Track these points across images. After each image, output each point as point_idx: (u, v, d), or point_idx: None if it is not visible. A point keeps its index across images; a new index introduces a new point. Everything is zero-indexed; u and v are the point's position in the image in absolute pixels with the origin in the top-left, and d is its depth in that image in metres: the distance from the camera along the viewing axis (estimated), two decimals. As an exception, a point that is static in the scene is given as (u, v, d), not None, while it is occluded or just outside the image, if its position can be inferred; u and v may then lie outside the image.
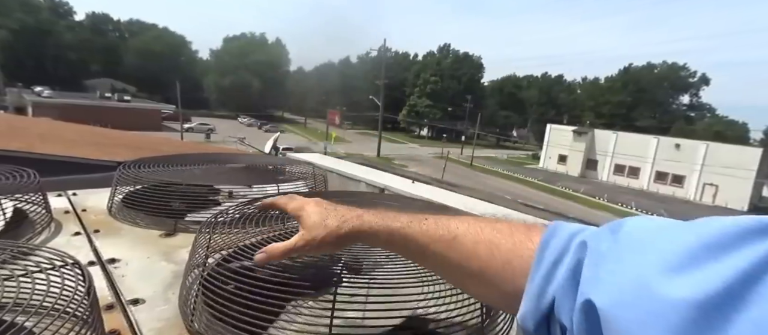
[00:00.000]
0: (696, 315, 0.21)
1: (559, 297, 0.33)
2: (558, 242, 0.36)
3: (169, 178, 1.15)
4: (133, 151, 3.51)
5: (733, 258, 0.22)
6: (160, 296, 0.77)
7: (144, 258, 0.91)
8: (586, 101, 56.75)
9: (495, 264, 0.41)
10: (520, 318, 0.37)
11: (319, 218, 0.55)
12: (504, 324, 0.80)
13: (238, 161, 1.50)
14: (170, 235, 1.04)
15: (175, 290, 0.77)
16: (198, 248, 0.77)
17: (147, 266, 0.88)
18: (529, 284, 0.36)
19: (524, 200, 11.10)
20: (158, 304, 0.74)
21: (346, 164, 2.15)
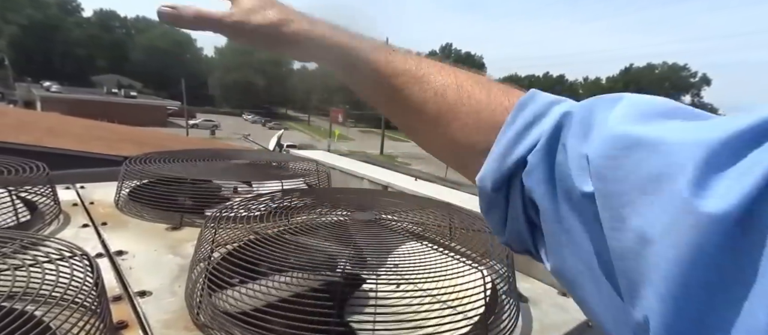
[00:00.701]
0: None
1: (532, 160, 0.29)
2: (536, 106, 0.33)
3: (174, 173, 1.16)
4: (139, 146, 3.54)
5: None
6: (167, 288, 0.78)
7: (151, 250, 0.93)
8: (588, 101, 56.71)
9: (461, 112, 0.36)
10: (478, 178, 0.34)
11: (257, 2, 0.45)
12: (509, 321, 0.80)
13: (241, 158, 1.51)
14: (176, 229, 1.05)
15: (182, 283, 0.79)
16: (203, 242, 0.78)
17: (154, 258, 0.89)
18: (497, 143, 0.32)
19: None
20: (165, 296, 0.75)
21: (348, 161, 2.16)
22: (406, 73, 0.40)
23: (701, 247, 0.17)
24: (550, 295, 1.14)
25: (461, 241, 1.03)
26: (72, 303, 0.53)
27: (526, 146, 0.30)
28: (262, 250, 0.72)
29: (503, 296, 0.91)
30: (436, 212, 1.24)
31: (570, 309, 1.07)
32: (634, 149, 0.22)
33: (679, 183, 0.19)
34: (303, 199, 1.10)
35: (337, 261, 0.76)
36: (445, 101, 0.37)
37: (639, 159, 0.21)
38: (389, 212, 1.16)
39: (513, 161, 0.31)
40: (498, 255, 0.93)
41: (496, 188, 0.32)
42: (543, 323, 0.96)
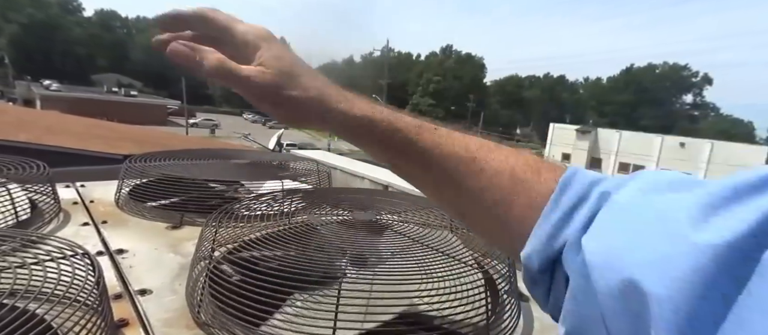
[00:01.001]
0: (728, 256, 0.18)
1: (569, 245, 0.30)
2: (578, 186, 0.33)
3: (175, 172, 1.16)
4: (139, 145, 3.54)
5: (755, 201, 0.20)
6: (168, 287, 0.78)
7: (151, 249, 0.93)
8: (588, 101, 56.66)
9: (516, 199, 0.36)
10: (524, 255, 0.34)
11: (290, 66, 0.40)
12: (510, 321, 0.80)
13: (242, 157, 1.51)
14: (176, 228, 1.05)
15: (182, 281, 0.79)
16: (204, 241, 0.78)
17: (154, 257, 0.89)
18: (543, 222, 0.33)
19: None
20: (166, 295, 0.75)
21: (349, 161, 2.16)
22: (456, 156, 0.38)
23: (704, 276, 0.18)
24: (551, 295, 1.14)
25: (462, 240, 1.03)
26: (74, 301, 0.53)
27: (572, 230, 0.31)
28: (262, 250, 0.72)
29: (504, 295, 0.91)
30: (437, 211, 1.25)
31: (570, 308, 1.07)
32: None
33: (681, 221, 0.21)
34: (304, 199, 1.11)
35: (338, 262, 0.76)
36: (500, 188, 0.36)
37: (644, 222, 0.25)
38: (390, 212, 1.16)
39: (560, 245, 0.31)
40: (499, 254, 0.93)
41: (542, 270, 0.33)
42: (544, 322, 0.96)
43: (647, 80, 50.53)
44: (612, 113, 50.44)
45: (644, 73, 51.52)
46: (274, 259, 0.69)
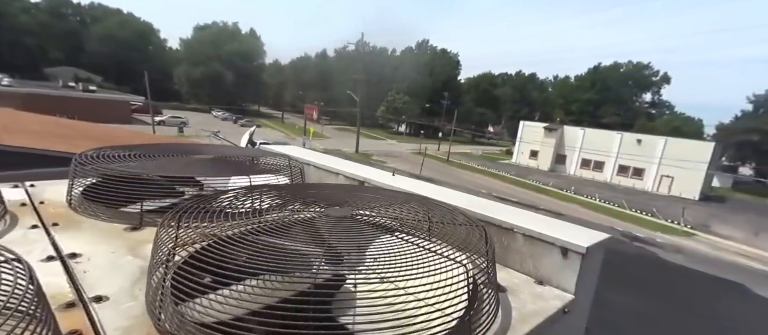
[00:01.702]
0: None
1: None
2: None
3: (133, 170, 1.08)
4: (103, 144, 3.32)
5: None
6: (127, 292, 0.71)
7: (108, 252, 0.85)
8: (556, 99, 58.81)
9: None
10: None
11: None
12: (486, 320, 0.79)
13: (206, 153, 1.43)
14: (136, 229, 0.98)
15: (143, 286, 0.73)
16: (162, 242, 0.72)
17: (111, 261, 0.82)
18: None
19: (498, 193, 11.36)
20: (124, 301, 0.68)
21: (323, 156, 2.11)
22: None
23: None
24: (528, 284, 1.15)
25: (440, 235, 1.02)
26: (3, 309, 0.47)
27: None
28: (229, 251, 0.67)
29: (483, 288, 0.90)
30: (414, 206, 1.23)
31: (547, 297, 1.08)
32: None
33: None
34: (275, 195, 1.05)
35: (312, 262, 0.73)
36: None
37: None
38: (366, 208, 1.13)
39: None
40: (477, 248, 0.93)
41: None
42: (522, 312, 0.96)
43: (612, 79, 52.95)
44: (578, 110, 52.60)
45: (609, 71, 53.92)
46: (243, 262, 0.65)
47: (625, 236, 4.98)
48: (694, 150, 29.02)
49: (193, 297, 0.60)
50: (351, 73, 42.56)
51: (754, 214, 25.51)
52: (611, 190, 29.42)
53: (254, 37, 59.66)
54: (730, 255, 15.60)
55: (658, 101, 56.08)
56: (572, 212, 17.21)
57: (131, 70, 48.00)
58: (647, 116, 53.40)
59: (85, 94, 32.86)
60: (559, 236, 1.12)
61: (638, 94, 55.56)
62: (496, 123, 63.59)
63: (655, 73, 53.77)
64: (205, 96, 52.15)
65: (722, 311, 2.83)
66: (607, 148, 33.39)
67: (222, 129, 29.07)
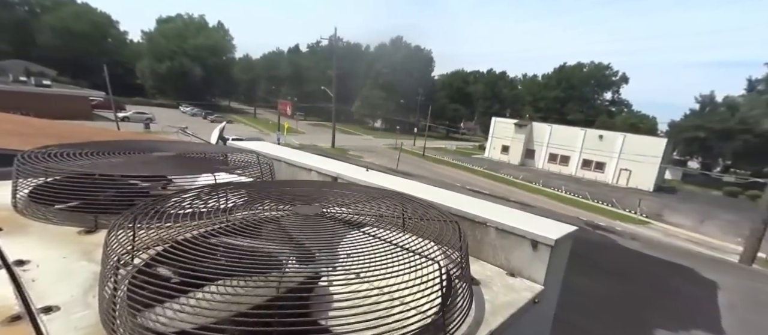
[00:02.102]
0: None
1: None
2: None
3: (87, 168, 1.01)
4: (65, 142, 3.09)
5: None
6: (79, 301, 0.66)
7: (59, 258, 0.79)
8: (525, 96, 60.94)
9: None
10: None
11: None
12: (460, 313, 0.80)
13: (168, 149, 1.35)
14: (91, 232, 0.91)
15: (97, 293, 0.67)
16: (114, 248, 0.67)
17: (63, 267, 0.76)
18: None
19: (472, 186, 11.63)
20: (76, 311, 0.63)
21: (294, 152, 2.06)
22: None
23: None
24: (501, 276, 1.17)
25: (414, 230, 1.01)
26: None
27: None
28: (191, 254, 0.63)
29: (457, 282, 0.91)
30: (389, 202, 1.22)
31: (519, 288, 1.10)
32: None
33: None
34: (242, 193, 1.01)
35: (280, 262, 0.70)
36: None
37: None
38: (339, 205, 1.11)
39: None
40: (451, 242, 0.93)
41: None
42: (494, 304, 0.98)
43: (576, 78, 55.59)
44: (545, 107, 54.71)
45: (574, 71, 56.49)
46: (205, 266, 0.61)
47: (589, 225, 5.23)
48: (649, 145, 31.16)
49: (149, 306, 0.56)
50: (325, 69, 42.03)
51: (700, 204, 27.62)
52: (576, 183, 30.88)
53: (222, 30, 57.65)
54: (680, 241, 16.75)
55: (618, 99, 59.52)
56: (541, 204, 17.88)
57: (89, 64, 45.21)
58: (608, 113, 56.51)
59: (40, 89, 30.69)
60: (530, 229, 1.14)
61: (600, 92, 58.81)
62: (469, 119, 64.83)
63: (614, 73, 57.09)
64: (171, 91, 49.97)
65: (675, 292, 3.04)
66: (572, 143, 35.14)
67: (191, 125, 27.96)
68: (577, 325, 2.27)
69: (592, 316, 2.48)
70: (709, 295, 2.93)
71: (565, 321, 1.78)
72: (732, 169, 38.93)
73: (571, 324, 2.18)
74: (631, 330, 2.40)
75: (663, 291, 3.02)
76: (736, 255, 11.78)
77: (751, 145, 34.46)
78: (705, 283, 3.17)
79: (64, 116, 17.89)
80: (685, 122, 42.89)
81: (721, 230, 20.25)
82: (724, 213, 23.87)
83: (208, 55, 50.76)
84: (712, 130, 37.50)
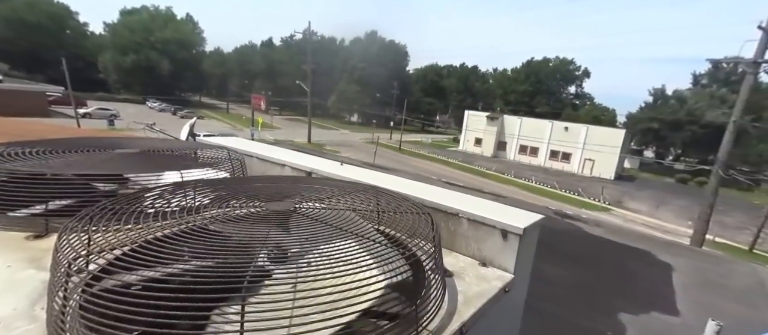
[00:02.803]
0: None
1: None
2: None
3: (39, 168, 0.93)
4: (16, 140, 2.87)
5: None
6: (24, 313, 0.61)
7: (2, 267, 0.73)
8: (496, 90, 62.62)
9: None
10: None
11: None
12: (434, 306, 0.80)
13: (130, 147, 1.28)
14: (41, 237, 0.85)
15: (46, 304, 0.63)
16: (69, 250, 0.63)
17: (7, 277, 0.70)
18: None
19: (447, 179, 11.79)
20: (19, 324, 0.58)
21: (266, 147, 2.01)
22: None
23: None
24: (473, 267, 1.19)
25: (389, 223, 1.00)
26: None
27: None
28: (152, 257, 0.59)
29: (430, 274, 0.91)
30: (363, 196, 1.20)
31: (490, 278, 1.12)
32: None
33: None
34: (210, 191, 0.97)
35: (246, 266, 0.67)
36: None
37: None
38: (312, 200, 1.08)
39: None
40: (424, 234, 0.93)
41: None
42: (467, 295, 0.99)
43: (542, 73, 57.66)
44: (515, 101, 56.32)
45: (540, 66, 58.49)
46: (169, 272, 0.58)
47: (558, 215, 5.44)
48: (610, 136, 33.05)
49: (108, 314, 0.52)
50: (300, 63, 41.28)
51: (655, 190, 29.45)
52: (545, 173, 32.07)
53: (191, 23, 55.44)
54: (638, 226, 17.74)
55: (581, 93, 62.44)
56: (513, 195, 18.40)
57: (46, 57, 42.45)
58: (572, 106, 59.16)
59: (-12, 84, 28.55)
60: (499, 219, 1.16)
61: (565, 86, 61.46)
62: (444, 112, 65.64)
63: (577, 68, 59.88)
64: (138, 86, 47.66)
65: (634, 276, 3.23)
66: (541, 135, 36.62)
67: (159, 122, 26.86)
68: (547, 313, 2.36)
69: (560, 303, 2.59)
70: (665, 277, 3.13)
71: (535, 308, 1.84)
72: (682, 157, 41.53)
73: (541, 311, 2.26)
74: (597, 315, 2.52)
75: (624, 275, 3.21)
76: (687, 237, 12.58)
77: (698, 135, 36.96)
78: (661, 265, 3.38)
79: (18, 112, 16.69)
80: (641, 113, 45.29)
81: (674, 214, 21.59)
82: (676, 199, 25.48)
83: (176, 48, 48.69)
84: (664, 121, 39.88)
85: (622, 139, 32.13)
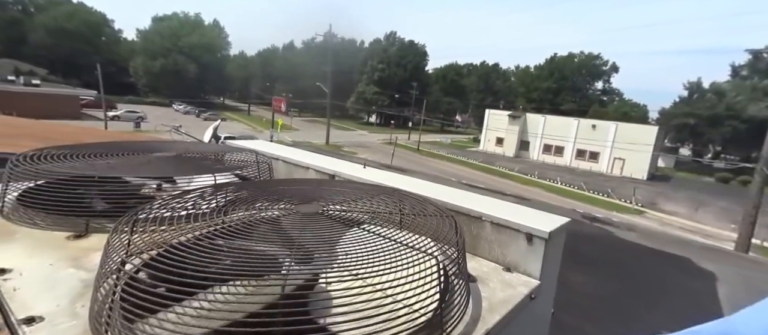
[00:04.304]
0: None
1: None
2: None
3: (81, 171, 0.98)
4: (45, 142, 3.04)
5: None
6: (66, 311, 0.64)
7: (45, 265, 0.77)
8: (518, 88, 61.12)
9: None
10: None
11: None
12: (458, 311, 0.79)
13: (166, 150, 1.33)
14: (81, 237, 0.89)
15: (86, 302, 0.66)
16: (113, 250, 0.66)
17: (49, 275, 0.74)
18: None
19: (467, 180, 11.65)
20: (62, 321, 0.61)
21: (292, 150, 2.04)
22: None
23: None
24: (497, 272, 1.16)
25: (411, 227, 1.00)
26: None
27: None
28: (189, 257, 0.62)
29: (454, 279, 0.90)
30: (386, 199, 1.20)
31: (515, 284, 1.10)
32: None
33: None
34: (240, 194, 1.00)
35: (280, 265, 0.68)
36: None
37: None
38: (337, 203, 1.09)
39: None
40: (448, 238, 0.92)
41: None
42: (491, 301, 0.97)
43: (567, 68, 55.83)
44: (538, 98, 54.86)
45: (565, 61, 56.67)
46: (205, 267, 0.60)
47: (586, 218, 5.23)
48: (641, 133, 31.35)
49: (145, 314, 0.54)
50: (320, 65, 41.82)
51: (693, 191, 27.72)
52: (571, 173, 31.01)
53: (218, 28, 57.15)
54: (675, 230, 16.83)
55: (609, 88, 59.86)
56: (537, 197, 17.93)
57: (82, 62, 44.71)
58: (600, 102, 56.89)
59: (27, 88, 30.29)
60: (524, 222, 1.13)
61: (591, 82, 59.05)
62: (464, 112, 64.90)
63: (604, 62, 57.40)
64: (165, 89, 49.52)
65: (674, 287, 3.00)
66: (566, 133, 35.28)
67: (184, 123, 27.77)
68: (572, 326, 2.19)
69: (588, 316, 2.41)
70: (708, 288, 2.86)
71: (560, 321, 1.74)
72: (722, 155, 39.24)
73: (568, 325, 2.12)
74: (630, 332, 2.31)
75: (662, 286, 2.96)
76: (731, 242, 11.89)
77: (739, 130, 34.75)
78: (704, 275, 3.11)
79: (51, 115, 17.66)
80: (675, 109, 43.12)
81: (715, 216, 20.41)
82: (717, 200, 24.02)
83: (202, 52, 50.32)
84: (701, 116, 37.77)
85: (654, 136, 30.55)
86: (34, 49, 43.58)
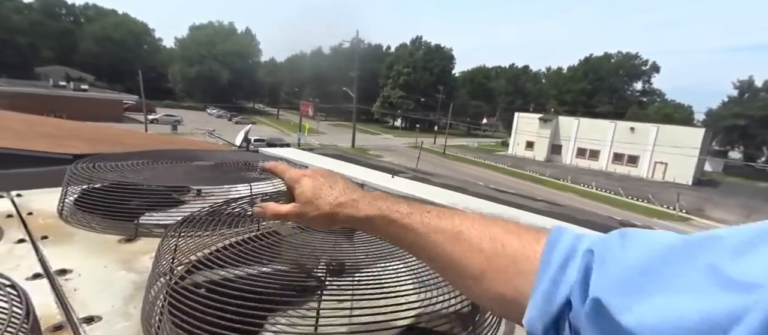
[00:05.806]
0: None
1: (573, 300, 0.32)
2: (564, 245, 0.35)
3: (130, 177, 1.05)
4: (90, 143, 3.25)
5: None
6: (120, 311, 0.68)
7: (100, 267, 0.82)
8: (550, 90, 58.98)
9: (499, 263, 0.39)
10: (527, 322, 0.35)
11: (311, 194, 0.53)
12: (490, 328, 0.77)
13: (207, 159, 1.40)
14: (130, 240, 0.94)
15: (137, 303, 0.70)
16: (163, 255, 0.70)
17: (104, 276, 0.79)
18: (537, 286, 0.34)
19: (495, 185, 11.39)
20: (117, 321, 0.66)
21: (322, 158, 2.08)
22: (443, 231, 0.43)
23: None
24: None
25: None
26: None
27: (565, 290, 0.32)
28: (230, 264, 0.65)
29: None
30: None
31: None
32: None
33: None
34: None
35: (314, 273, 0.70)
36: (483, 255, 0.40)
37: None
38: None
39: (558, 305, 0.33)
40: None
41: (546, 331, 0.34)
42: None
43: (603, 69, 53.23)
44: (571, 101, 52.76)
45: (601, 62, 54.15)
46: (244, 277, 0.62)
47: (624, 225, 5.01)
48: (686, 136, 29.48)
49: (192, 315, 0.57)
50: (346, 70, 42.35)
51: (745, 197, 25.70)
52: (607, 178, 29.63)
53: (250, 35, 59.28)
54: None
55: (649, 89, 56.54)
56: (570, 202, 17.26)
57: (125, 69, 47.63)
58: (639, 104, 53.84)
59: (76, 93, 32.52)
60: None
61: (629, 83, 55.91)
62: (491, 115, 63.65)
63: (644, 62, 54.20)
64: (199, 94, 51.82)
65: None
66: (602, 137, 33.73)
67: (217, 127, 28.89)
68: None
69: None
70: None
71: None
72: (778, 158, 36.26)
73: None
74: None
75: None
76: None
77: (798, 132, 32.03)
78: None
79: (96, 118, 18.84)
80: (724, 109, 40.27)
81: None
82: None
83: (235, 59, 52.32)
84: (753, 117, 35.04)
85: (700, 139, 28.75)
86: (83, 57, 46.85)
